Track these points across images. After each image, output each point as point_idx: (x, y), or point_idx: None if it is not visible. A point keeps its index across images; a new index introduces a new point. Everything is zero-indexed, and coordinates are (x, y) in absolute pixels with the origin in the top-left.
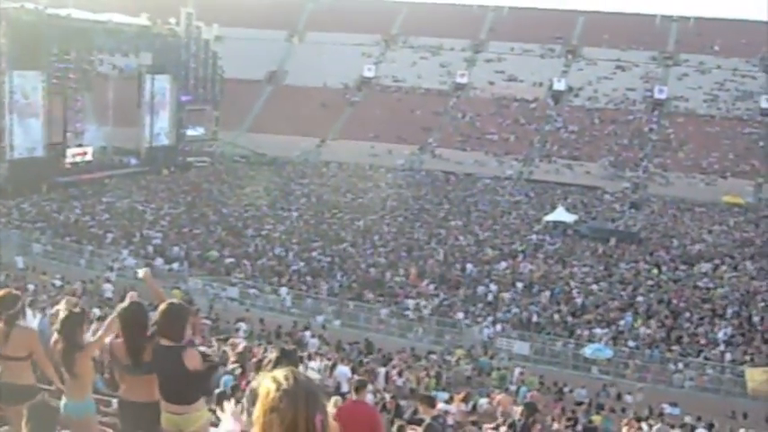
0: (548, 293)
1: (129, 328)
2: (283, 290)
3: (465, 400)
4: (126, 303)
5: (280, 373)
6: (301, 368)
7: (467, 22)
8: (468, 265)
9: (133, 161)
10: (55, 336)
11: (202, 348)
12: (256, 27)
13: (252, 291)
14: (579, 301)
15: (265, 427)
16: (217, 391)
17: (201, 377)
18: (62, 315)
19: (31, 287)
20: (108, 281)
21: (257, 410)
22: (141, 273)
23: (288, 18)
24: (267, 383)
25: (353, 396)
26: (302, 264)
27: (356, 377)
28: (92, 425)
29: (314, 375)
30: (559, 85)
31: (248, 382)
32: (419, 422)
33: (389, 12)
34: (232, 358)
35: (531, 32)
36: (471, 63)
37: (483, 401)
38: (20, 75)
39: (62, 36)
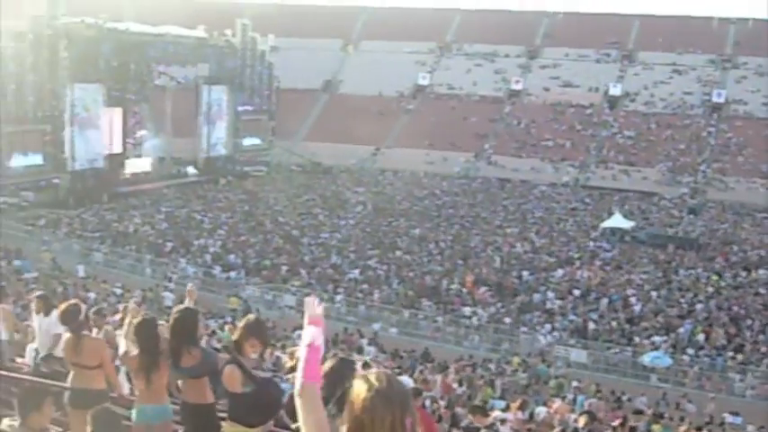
0: (605, 301)
1: (176, 329)
2: (339, 297)
3: (521, 408)
4: (181, 306)
5: (372, 375)
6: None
7: (521, 28)
8: (525, 273)
9: (191, 171)
10: (123, 343)
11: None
12: (311, 37)
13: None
14: (637, 308)
15: (356, 427)
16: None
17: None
18: (136, 322)
19: (92, 296)
20: (167, 289)
21: (347, 411)
22: (189, 286)
23: (342, 27)
24: (359, 384)
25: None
26: (358, 271)
27: (412, 385)
28: (169, 430)
29: None
30: (615, 90)
31: None
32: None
33: (443, 19)
34: (290, 364)
35: (587, 37)
36: (526, 69)
37: (540, 410)
38: (81, 88)
39: (121, 49)
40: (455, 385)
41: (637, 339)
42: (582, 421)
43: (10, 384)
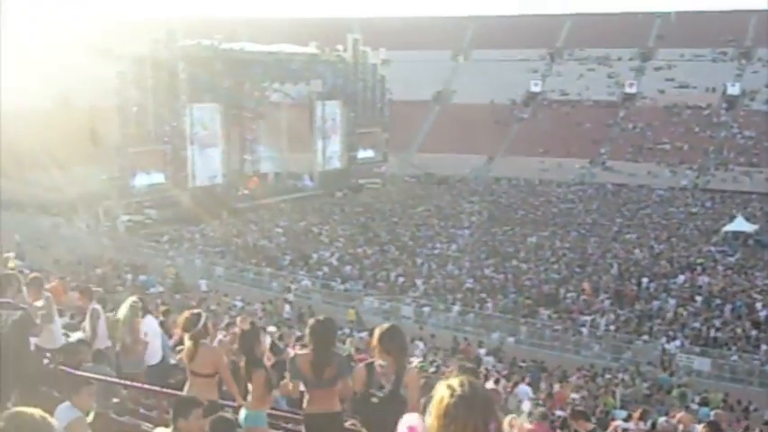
0: (729, 307)
1: (318, 342)
2: (456, 308)
3: (642, 418)
4: (318, 317)
5: (455, 380)
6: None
7: (633, 31)
8: (644, 280)
9: (307, 181)
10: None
11: None
12: (422, 48)
13: (425, 309)
14: (763, 314)
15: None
16: None
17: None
18: (239, 330)
19: (213, 308)
20: (287, 301)
21: (431, 416)
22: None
23: (452, 37)
24: (442, 390)
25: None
26: (475, 281)
27: (539, 409)
28: None
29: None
30: (733, 90)
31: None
32: None
33: (554, 25)
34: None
35: (702, 37)
36: (640, 72)
37: (662, 420)
38: (199, 107)
39: (236, 68)
40: (574, 395)
41: (764, 347)
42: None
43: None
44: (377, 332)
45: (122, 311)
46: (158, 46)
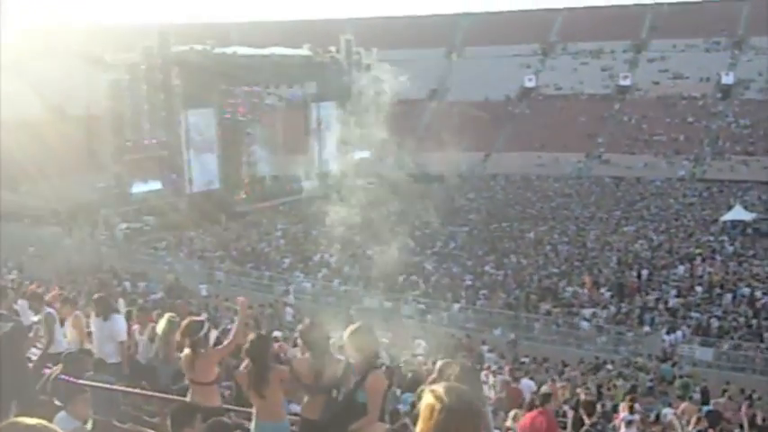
0: (729, 296)
1: (314, 348)
2: (457, 305)
3: (631, 409)
4: (307, 321)
5: (441, 388)
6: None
7: (626, 23)
8: (644, 271)
9: (306, 184)
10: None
11: None
12: (415, 47)
13: (426, 307)
14: (764, 302)
15: None
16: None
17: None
18: (250, 338)
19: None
20: (287, 305)
21: (419, 424)
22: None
23: (445, 35)
24: (428, 398)
25: (538, 406)
26: (475, 278)
27: (544, 388)
28: None
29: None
30: (728, 79)
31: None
32: None
33: (546, 20)
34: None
35: (694, 27)
36: (634, 64)
37: (667, 411)
38: (194, 113)
39: (229, 73)
40: (578, 390)
41: (766, 335)
42: (694, 421)
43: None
44: (347, 330)
45: (161, 326)
46: (150, 53)
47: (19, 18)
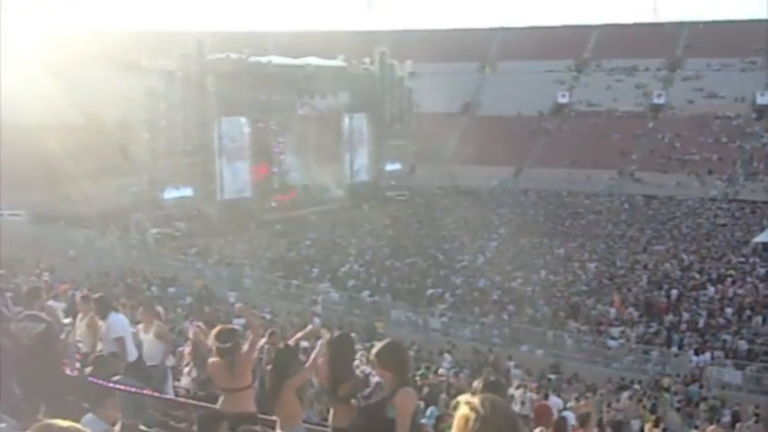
0: (760, 318)
1: (335, 357)
2: (485, 320)
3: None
4: (337, 333)
5: (477, 400)
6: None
7: (661, 41)
8: (674, 291)
9: (336, 197)
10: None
11: None
12: (448, 60)
13: (454, 321)
14: None
15: None
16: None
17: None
18: (276, 348)
19: (235, 321)
20: (315, 314)
21: None
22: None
23: (479, 49)
24: (464, 410)
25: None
26: (503, 293)
27: (582, 409)
28: None
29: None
30: (763, 99)
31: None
32: None
33: (580, 36)
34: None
35: (730, 46)
36: (668, 82)
37: None
38: (227, 121)
39: (264, 82)
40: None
41: None
42: None
43: (174, 408)
44: (376, 347)
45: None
46: (187, 60)
47: (56, 22)
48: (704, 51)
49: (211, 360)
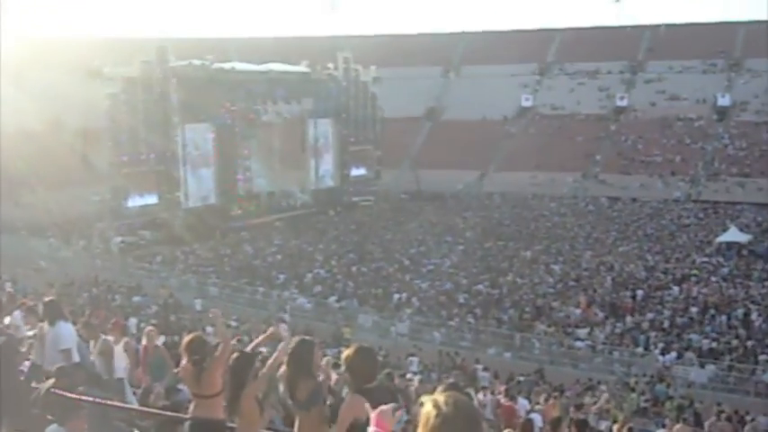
0: (724, 318)
1: (292, 359)
2: (452, 323)
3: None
4: (298, 337)
5: (440, 397)
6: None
7: (623, 44)
8: (639, 292)
9: (301, 203)
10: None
11: None
12: (412, 65)
13: (421, 325)
14: (759, 323)
15: None
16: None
17: None
18: (234, 356)
19: (209, 329)
20: (281, 320)
21: (419, 430)
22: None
23: (443, 54)
24: (428, 407)
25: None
26: (469, 297)
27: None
28: None
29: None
30: (724, 101)
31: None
32: None
33: (543, 40)
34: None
35: (691, 49)
36: (630, 85)
37: None
38: (191, 128)
39: (228, 88)
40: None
41: (761, 357)
42: None
43: (140, 418)
44: (346, 351)
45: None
46: (149, 67)
47: (18, 29)
48: (666, 54)
49: (182, 365)
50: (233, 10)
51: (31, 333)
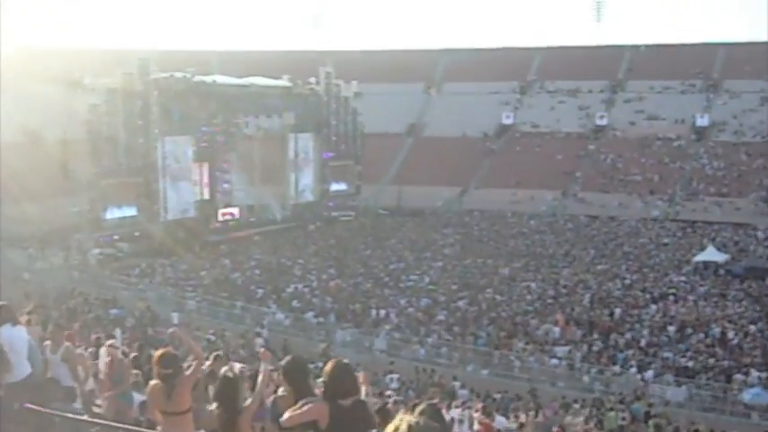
0: (701, 336)
1: (293, 382)
2: (430, 340)
3: None
4: (289, 357)
5: (404, 419)
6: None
7: (603, 63)
8: (617, 310)
9: (280, 218)
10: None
11: None
12: (394, 81)
13: (399, 341)
14: (735, 343)
15: None
16: None
17: None
18: (219, 382)
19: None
20: (259, 335)
21: None
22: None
23: (424, 70)
24: (397, 422)
25: None
26: (448, 313)
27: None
28: None
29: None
30: (702, 121)
31: None
32: None
33: (524, 58)
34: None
35: (670, 69)
36: (610, 104)
37: None
38: (171, 140)
39: (209, 102)
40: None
41: (737, 376)
42: None
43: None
44: (325, 367)
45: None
46: (131, 78)
47: None
48: (645, 74)
49: (152, 383)
50: (215, 23)
51: None
